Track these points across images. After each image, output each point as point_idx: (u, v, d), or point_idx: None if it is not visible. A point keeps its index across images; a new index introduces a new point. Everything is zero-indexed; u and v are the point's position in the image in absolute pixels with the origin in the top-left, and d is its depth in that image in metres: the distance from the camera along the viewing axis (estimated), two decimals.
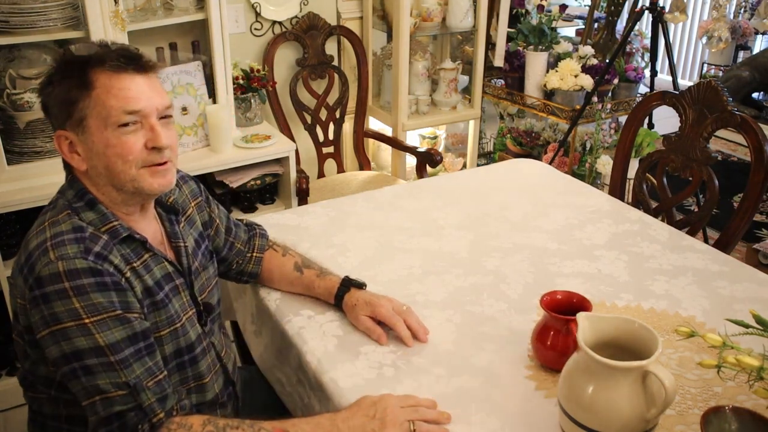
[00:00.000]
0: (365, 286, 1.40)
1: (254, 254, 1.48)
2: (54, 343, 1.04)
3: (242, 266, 1.47)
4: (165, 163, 1.15)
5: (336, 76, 3.05)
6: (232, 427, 1.08)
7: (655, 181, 2.05)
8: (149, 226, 1.23)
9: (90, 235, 1.09)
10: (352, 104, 3.14)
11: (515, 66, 3.33)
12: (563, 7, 3.43)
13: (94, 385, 1.04)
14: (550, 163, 3.12)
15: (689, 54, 5.58)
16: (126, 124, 1.10)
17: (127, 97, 1.10)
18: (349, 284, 1.39)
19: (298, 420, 1.12)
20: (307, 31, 2.94)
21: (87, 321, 1.03)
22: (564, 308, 1.22)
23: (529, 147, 3.73)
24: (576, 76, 3.09)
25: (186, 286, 1.26)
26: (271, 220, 1.81)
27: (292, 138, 2.83)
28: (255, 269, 1.48)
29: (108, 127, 1.10)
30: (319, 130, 3.05)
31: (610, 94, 3.20)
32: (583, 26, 3.62)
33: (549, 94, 3.20)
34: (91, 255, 1.06)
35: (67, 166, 1.18)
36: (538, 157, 3.48)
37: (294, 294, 1.49)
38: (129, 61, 1.11)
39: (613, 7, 3.35)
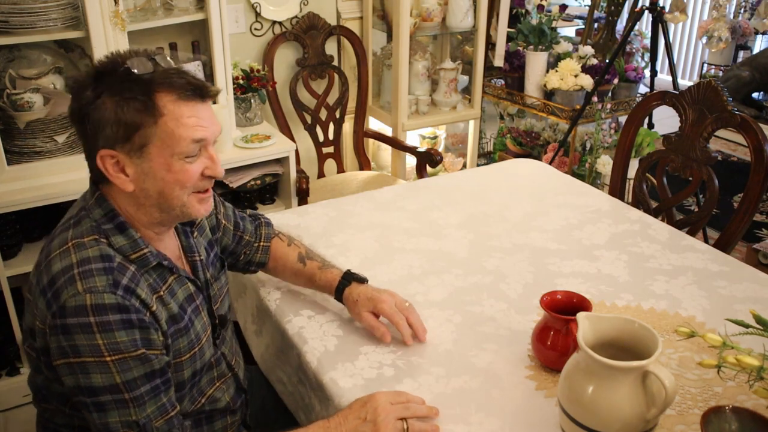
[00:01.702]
0: (367, 280, 1.39)
1: (261, 243, 1.47)
2: (71, 373, 1.03)
3: (250, 256, 1.46)
4: (208, 190, 1.15)
5: (336, 76, 3.05)
6: None
7: (655, 181, 2.05)
8: (171, 243, 1.22)
9: (118, 266, 1.07)
10: (352, 104, 3.14)
11: (515, 66, 3.33)
12: (563, 7, 3.43)
13: (104, 422, 1.04)
14: (550, 163, 3.12)
15: (689, 54, 5.58)
16: (191, 155, 1.08)
17: (194, 125, 1.07)
18: (350, 278, 1.38)
19: None
20: (307, 31, 2.94)
21: (108, 359, 1.01)
22: (564, 308, 1.22)
23: (529, 147, 3.73)
24: (576, 76, 3.09)
25: (204, 302, 1.25)
26: (271, 220, 1.81)
27: (292, 138, 2.83)
28: (263, 258, 1.47)
29: (173, 155, 1.07)
30: (319, 130, 3.05)
31: (610, 94, 3.20)
32: (583, 26, 3.62)
33: (549, 94, 3.20)
34: (120, 289, 1.04)
35: (97, 182, 1.12)
36: (538, 157, 3.48)
37: (294, 294, 1.49)
38: (195, 89, 1.08)
39: (613, 7, 3.35)
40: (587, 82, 3.07)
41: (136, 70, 1.05)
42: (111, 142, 1.05)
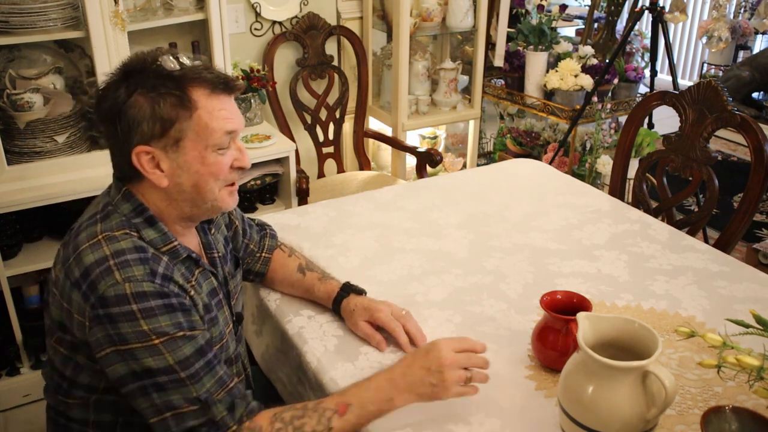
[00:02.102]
0: (365, 292, 1.39)
1: (263, 254, 1.48)
2: (120, 361, 1.04)
3: (251, 265, 1.47)
4: (234, 183, 1.18)
5: (336, 76, 3.05)
6: (298, 417, 1.08)
7: (655, 181, 2.05)
8: (193, 239, 1.24)
9: (152, 256, 1.09)
10: (352, 104, 3.14)
11: (515, 66, 3.33)
12: (563, 7, 3.42)
13: (165, 401, 1.05)
14: (550, 163, 3.12)
15: (689, 54, 5.58)
16: (224, 147, 1.12)
17: (226, 118, 1.11)
18: (348, 290, 1.39)
19: (356, 388, 1.11)
20: (307, 31, 2.94)
21: (156, 342, 1.03)
22: (564, 308, 1.22)
23: (529, 147, 3.73)
24: (576, 76, 3.09)
25: (225, 297, 1.27)
26: (271, 220, 1.81)
27: (292, 138, 2.83)
28: (262, 269, 1.48)
29: (208, 147, 1.10)
30: (319, 130, 3.05)
31: (610, 94, 3.20)
32: (583, 26, 3.62)
33: (549, 94, 3.20)
34: (158, 277, 1.06)
35: (124, 178, 1.14)
36: (538, 157, 3.48)
37: (295, 296, 1.49)
38: (223, 83, 1.12)
39: (613, 7, 3.35)
40: (587, 82, 3.07)
41: (167, 67, 1.08)
42: (147, 138, 1.08)
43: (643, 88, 3.32)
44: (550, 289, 1.46)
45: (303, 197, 2.65)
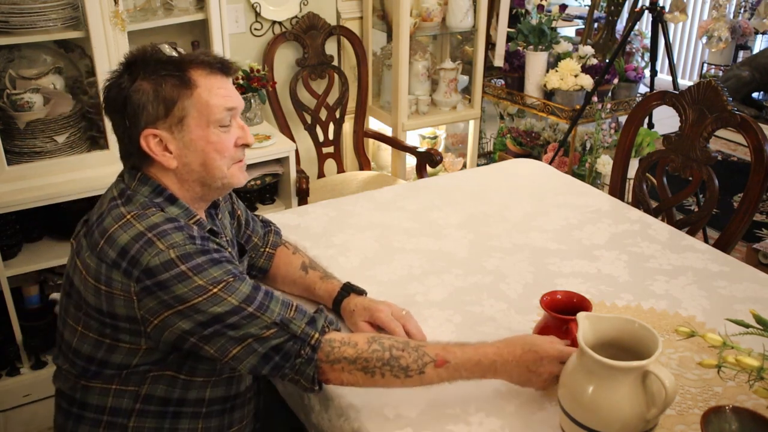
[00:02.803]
0: (365, 293, 1.40)
1: (267, 249, 1.49)
2: (184, 318, 1.08)
3: (254, 260, 1.48)
4: (242, 160, 1.23)
5: (336, 76, 3.05)
6: (398, 348, 1.12)
7: (655, 181, 2.05)
8: (212, 226, 1.27)
9: (185, 225, 1.14)
10: (352, 104, 3.14)
11: (515, 66, 3.33)
12: (563, 7, 3.43)
13: (243, 333, 1.09)
14: (550, 163, 3.12)
15: (689, 54, 5.58)
16: (225, 124, 1.16)
17: (225, 95, 1.16)
18: (349, 290, 1.39)
19: (459, 350, 1.14)
20: (307, 31, 2.94)
21: (215, 290, 1.08)
22: (564, 308, 1.22)
23: (529, 147, 3.73)
24: (576, 76, 3.09)
25: None
26: (271, 220, 1.81)
27: (292, 138, 2.83)
28: (266, 264, 1.49)
29: (210, 124, 1.15)
30: (319, 130, 3.05)
31: (610, 94, 3.20)
32: (583, 26, 3.62)
33: (549, 94, 3.20)
34: (197, 240, 1.11)
35: (137, 164, 1.18)
36: (538, 157, 3.48)
37: (295, 294, 1.49)
38: (221, 64, 1.18)
39: (613, 7, 3.35)
40: (587, 82, 3.07)
41: (165, 52, 1.15)
42: (153, 120, 1.13)
43: (643, 88, 3.32)
44: (550, 289, 1.46)
45: (303, 197, 2.65)
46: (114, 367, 1.17)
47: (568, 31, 4.33)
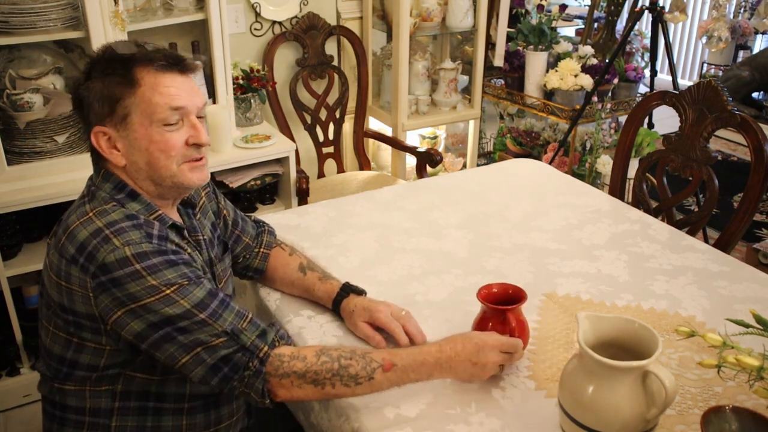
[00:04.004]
0: (365, 293, 1.40)
1: (261, 250, 1.48)
2: (136, 318, 1.08)
3: (248, 261, 1.47)
4: (201, 158, 1.21)
5: (336, 76, 3.05)
6: (346, 357, 1.13)
7: (655, 181, 2.05)
8: (177, 219, 1.27)
9: (145, 222, 1.13)
10: (352, 104, 3.14)
11: (515, 66, 3.33)
12: (563, 7, 3.42)
13: (193, 339, 1.09)
14: (550, 163, 3.12)
15: (689, 54, 5.58)
16: (170, 123, 1.15)
17: (171, 94, 1.14)
18: (348, 290, 1.39)
19: (405, 353, 1.16)
20: (307, 31, 2.94)
21: (168, 292, 1.08)
22: (500, 300, 1.25)
23: (529, 147, 3.73)
24: (576, 76, 3.09)
25: (211, 276, 1.29)
26: (271, 220, 1.81)
27: (292, 138, 2.83)
28: (261, 265, 1.48)
29: (153, 123, 1.14)
30: (319, 130, 3.05)
31: (610, 94, 3.20)
32: (583, 26, 3.62)
33: (549, 94, 3.20)
34: (154, 239, 1.11)
35: (99, 161, 1.20)
36: (538, 157, 3.48)
37: (294, 295, 1.48)
38: (174, 61, 1.16)
39: (613, 7, 3.35)
40: (587, 82, 3.07)
41: (118, 50, 1.15)
42: (100, 118, 1.15)
43: (643, 88, 3.32)
44: (551, 290, 1.47)
45: (303, 197, 2.65)
46: (83, 368, 1.17)
47: (568, 31, 4.33)
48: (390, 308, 1.33)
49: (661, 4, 2.92)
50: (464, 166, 3.50)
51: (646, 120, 3.02)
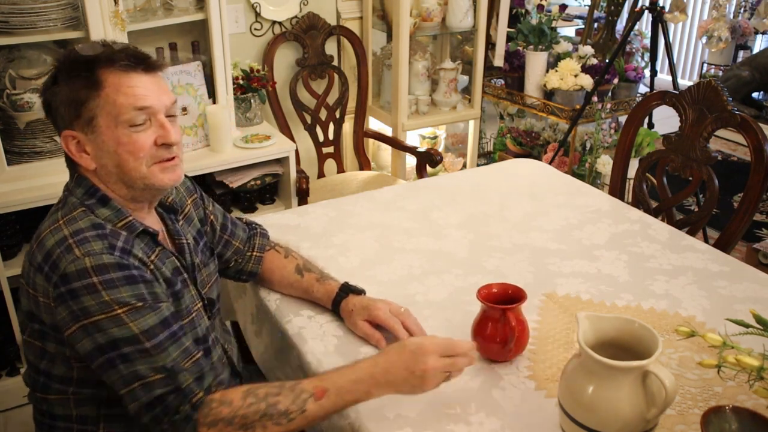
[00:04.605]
0: (364, 292, 1.40)
1: (254, 253, 1.47)
2: (87, 336, 1.05)
3: (241, 265, 1.47)
4: (173, 158, 1.17)
5: (336, 76, 3.05)
6: (273, 395, 1.08)
7: (655, 181, 2.05)
8: (154, 224, 1.25)
9: (110, 232, 1.11)
10: (352, 104, 3.14)
11: (515, 66, 3.33)
12: (563, 7, 3.42)
13: (132, 371, 1.06)
14: (550, 163, 3.12)
15: (689, 54, 5.58)
16: (136, 123, 1.12)
17: (136, 94, 1.12)
18: (347, 290, 1.39)
19: (337, 375, 1.11)
20: (307, 31, 2.94)
21: (119, 311, 1.05)
22: (500, 299, 1.25)
23: (529, 147, 3.73)
24: (576, 76, 3.09)
25: (191, 280, 1.27)
26: (271, 220, 1.81)
27: (292, 138, 2.83)
28: (255, 268, 1.48)
29: (119, 125, 1.12)
30: (319, 130, 3.05)
31: (610, 94, 3.20)
32: (583, 26, 3.62)
33: (549, 94, 3.20)
34: (117, 251, 1.08)
35: (72, 165, 1.18)
36: (538, 157, 3.48)
37: (294, 297, 1.48)
38: (138, 61, 1.13)
39: (613, 7, 3.35)
40: (587, 82, 3.07)
41: (82, 53, 1.13)
42: (68, 122, 1.13)
43: (643, 88, 3.32)
44: (551, 290, 1.47)
45: (303, 197, 2.65)
46: (57, 380, 1.16)
47: (568, 31, 4.33)
48: (389, 306, 1.33)
49: (661, 4, 2.92)
50: (464, 166, 3.50)
51: (646, 120, 3.02)
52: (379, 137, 3.19)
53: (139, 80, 1.13)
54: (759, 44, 4.76)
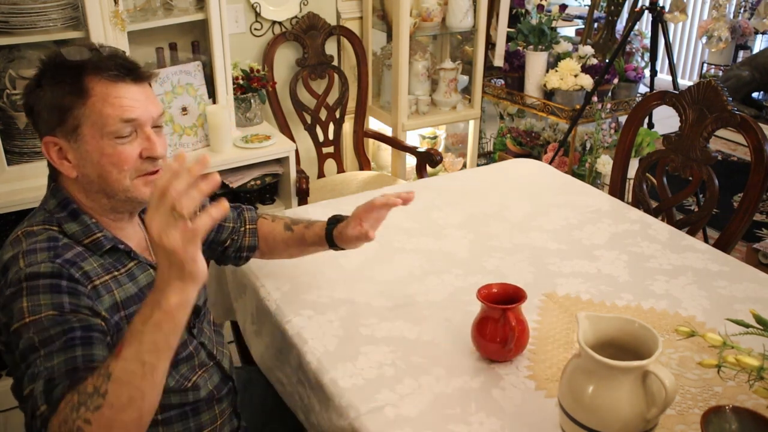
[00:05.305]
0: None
1: (248, 226, 1.47)
2: (15, 347, 1.01)
3: (239, 242, 1.46)
4: (157, 171, 1.14)
5: (336, 76, 3.05)
6: (81, 380, 0.93)
7: (655, 181, 2.05)
8: (135, 233, 1.22)
9: (63, 245, 1.09)
10: (352, 104, 3.14)
11: (515, 66, 3.33)
12: (563, 7, 3.43)
13: (26, 380, 0.98)
14: (550, 163, 3.12)
15: (689, 54, 5.58)
16: (122, 135, 1.09)
17: (123, 106, 1.09)
18: (335, 221, 1.42)
19: (129, 325, 0.95)
20: (307, 31, 2.94)
21: (27, 320, 0.99)
22: (501, 299, 1.25)
23: (529, 147, 3.73)
24: (576, 76, 3.09)
25: None
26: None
27: (292, 138, 2.83)
28: (252, 241, 1.47)
29: (104, 136, 1.09)
30: (319, 130, 3.05)
31: (610, 94, 3.20)
32: (583, 26, 3.62)
33: (549, 94, 3.20)
34: (60, 259, 1.05)
35: (52, 172, 1.16)
36: (538, 157, 3.48)
37: (294, 294, 1.49)
38: (126, 71, 1.11)
39: (613, 7, 3.35)
40: (587, 82, 3.07)
41: (69, 57, 1.10)
42: (50, 128, 1.10)
43: (643, 88, 3.32)
44: (551, 290, 1.47)
45: (303, 197, 2.65)
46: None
47: (568, 31, 4.33)
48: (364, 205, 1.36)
49: (661, 4, 2.92)
50: (464, 166, 3.50)
51: (646, 120, 3.02)
52: (379, 137, 3.19)
53: (127, 90, 1.10)
54: (759, 44, 4.76)
